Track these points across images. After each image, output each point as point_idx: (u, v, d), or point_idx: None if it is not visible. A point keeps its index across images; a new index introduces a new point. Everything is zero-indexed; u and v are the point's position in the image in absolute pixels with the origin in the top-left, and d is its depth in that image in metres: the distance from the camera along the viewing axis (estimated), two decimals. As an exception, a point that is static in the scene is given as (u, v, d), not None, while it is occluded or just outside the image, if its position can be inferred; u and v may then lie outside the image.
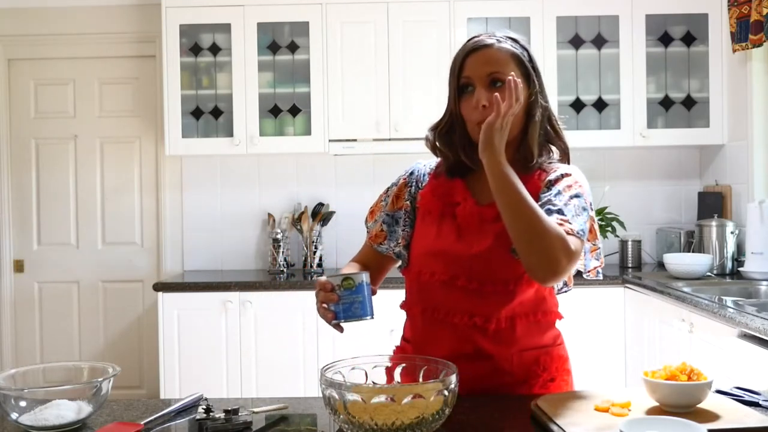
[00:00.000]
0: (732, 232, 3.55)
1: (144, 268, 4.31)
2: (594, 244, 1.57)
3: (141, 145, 4.30)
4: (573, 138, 1.68)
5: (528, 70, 1.53)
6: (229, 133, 3.87)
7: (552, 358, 1.58)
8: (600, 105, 3.85)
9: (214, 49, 3.90)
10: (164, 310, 3.61)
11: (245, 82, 3.84)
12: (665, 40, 3.85)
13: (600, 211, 3.84)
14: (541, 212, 1.42)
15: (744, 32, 3.41)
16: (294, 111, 3.91)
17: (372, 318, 1.45)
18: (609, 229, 3.82)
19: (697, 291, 2.95)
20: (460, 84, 1.54)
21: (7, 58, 4.30)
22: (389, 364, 1.41)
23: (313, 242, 3.99)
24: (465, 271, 1.52)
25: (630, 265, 3.87)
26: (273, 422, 1.36)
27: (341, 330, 1.47)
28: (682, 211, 4.13)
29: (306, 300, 3.58)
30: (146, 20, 4.15)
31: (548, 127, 1.59)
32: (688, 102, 3.86)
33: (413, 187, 1.65)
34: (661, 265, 3.67)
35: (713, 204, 3.80)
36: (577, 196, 1.52)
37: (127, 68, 4.27)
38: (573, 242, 1.42)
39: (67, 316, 4.33)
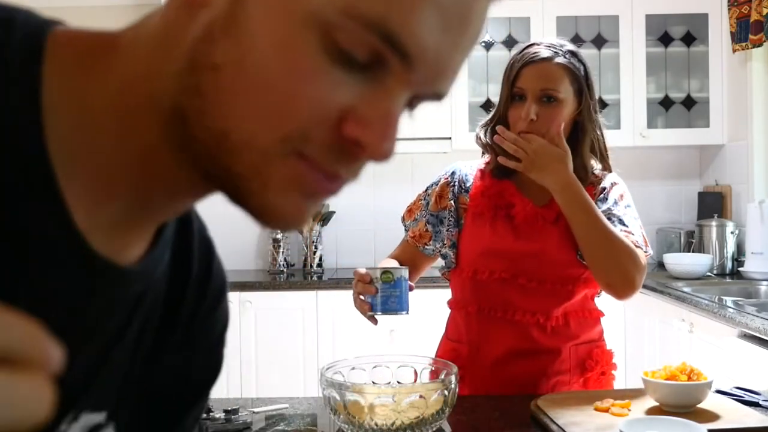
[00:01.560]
0: (732, 232, 3.54)
1: (144, 268, 4.31)
2: (646, 251, 1.60)
3: (141, 145, 4.30)
4: (573, 138, 1.70)
5: (581, 86, 1.55)
6: (229, 133, 3.86)
7: (603, 352, 1.64)
8: (600, 105, 3.84)
9: (214, 49, 3.90)
10: (164, 310, 3.61)
11: (245, 82, 3.83)
12: (665, 40, 3.85)
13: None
14: (615, 230, 1.50)
15: (744, 32, 3.41)
16: (294, 111, 3.91)
17: (407, 313, 1.47)
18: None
19: (697, 291, 2.95)
20: (512, 92, 1.55)
21: (7, 58, 4.30)
22: (391, 365, 1.41)
23: (313, 242, 3.99)
24: (526, 269, 1.55)
25: (630, 265, 3.86)
26: (273, 422, 1.36)
27: (375, 322, 1.48)
28: (682, 211, 4.13)
29: (306, 300, 3.59)
30: (146, 20, 4.14)
31: (593, 142, 1.62)
32: (688, 102, 3.86)
33: (456, 187, 1.65)
34: (661, 265, 3.66)
35: (713, 204, 3.80)
36: (629, 205, 1.60)
37: (127, 68, 4.27)
38: (641, 256, 1.52)
39: (67, 316, 4.33)
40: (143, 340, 0.58)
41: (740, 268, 3.39)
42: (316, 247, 3.99)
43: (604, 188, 1.60)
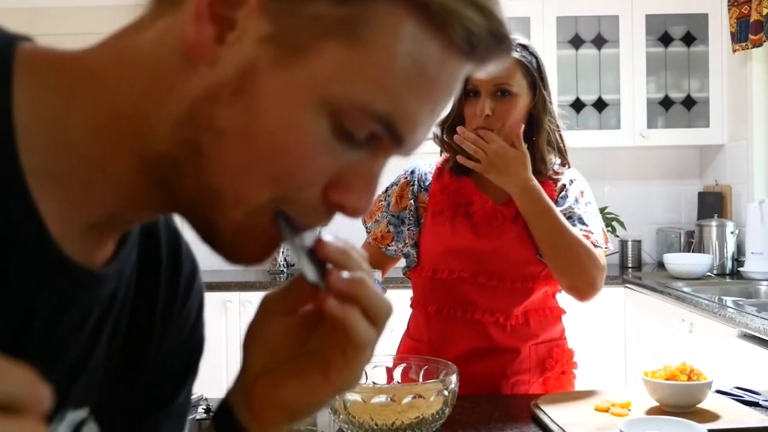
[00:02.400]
0: (732, 232, 3.54)
1: (144, 268, 4.30)
2: (606, 248, 1.60)
3: (141, 145, 4.30)
4: (573, 138, 1.70)
5: (534, 79, 1.54)
6: (229, 133, 3.86)
7: (563, 351, 1.64)
8: (600, 105, 3.85)
9: (214, 49, 3.90)
10: (164, 310, 3.61)
11: (245, 82, 3.83)
12: (665, 40, 3.85)
13: (600, 211, 3.83)
14: (575, 232, 1.49)
15: (744, 32, 3.41)
16: (294, 111, 3.90)
17: None
18: (609, 229, 3.82)
19: (697, 291, 2.95)
20: (466, 88, 1.55)
21: (7, 58, 4.30)
22: (390, 365, 1.41)
23: (313, 242, 3.99)
24: (485, 268, 1.55)
25: (630, 265, 3.86)
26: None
27: None
28: (682, 211, 4.12)
29: (306, 300, 3.58)
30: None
31: (550, 135, 1.61)
32: (688, 102, 3.86)
33: (415, 186, 1.65)
34: (661, 265, 3.67)
35: (713, 204, 3.80)
36: (589, 202, 1.61)
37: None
38: (601, 256, 1.53)
39: (67, 316, 4.32)
40: (118, 336, 0.60)
41: (740, 268, 3.39)
42: (316, 247, 3.99)
43: (564, 185, 1.60)
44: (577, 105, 3.85)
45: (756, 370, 2.31)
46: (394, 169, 1.75)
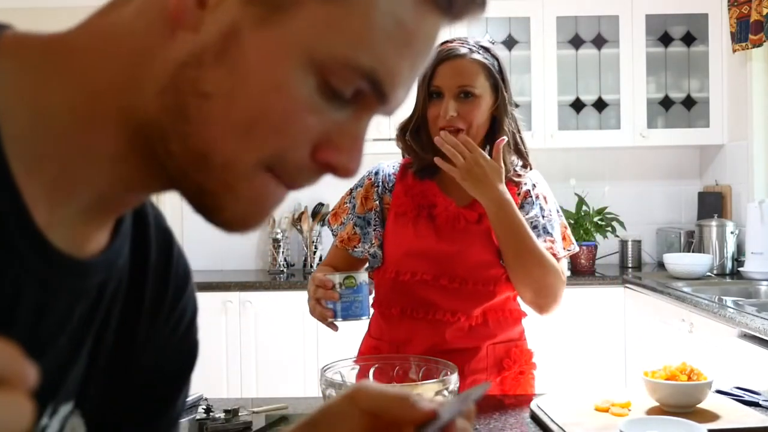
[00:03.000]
0: (732, 232, 3.54)
1: (144, 268, 4.30)
2: (569, 250, 1.62)
3: (141, 145, 4.29)
4: (573, 138, 1.71)
5: (497, 81, 1.55)
6: (229, 133, 3.85)
7: (521, 352, 1.65)
8: (600, 105, 3.85)
9: (214, 49, 3.89)
10: (164, 310, 3.60)
11: (245, 82, 3.82)
12: (665, 40, 3.85)
13: (600, 211, 3.84)
14: (542, 247, 1.51)
15: (744, 32, 3.41)
16: (294, 111, 3.90)
17: (368, 318, 1.48)
18: (609, 229, 3.82)
19: (697, 291, 2.95)
20: (429, 90, 1.55)
21: (7, 58, 4.30)
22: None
23: (313, 242, 3.99)
24: (447, 270, 1.56)
25: (630, 265, 3.87)
26: (273, 422, 1.37)
27: (336, 329, 1.49)
28: (682, 211, 4.12)
29: (306, 300, 3.58)
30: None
31: (511, 138, 1.61)
32: (688, 102, 3.86)
33: (380, 188, 1.66)
34: (661, 265, 3.66)
35: (713, 204, 3.80)
36: (551, 210, 1.63)
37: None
38: (563, 270, 1.55)
39: (67, 316, 4.32)
40: (108, 329, 0.59)
41: (740, 268, 3.39)
42: (316, 247, 3.99)
43: (528, 191, 1.61)
44: (577, 105, 3.85)
45: (756, 370, 2.31)
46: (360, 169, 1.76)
